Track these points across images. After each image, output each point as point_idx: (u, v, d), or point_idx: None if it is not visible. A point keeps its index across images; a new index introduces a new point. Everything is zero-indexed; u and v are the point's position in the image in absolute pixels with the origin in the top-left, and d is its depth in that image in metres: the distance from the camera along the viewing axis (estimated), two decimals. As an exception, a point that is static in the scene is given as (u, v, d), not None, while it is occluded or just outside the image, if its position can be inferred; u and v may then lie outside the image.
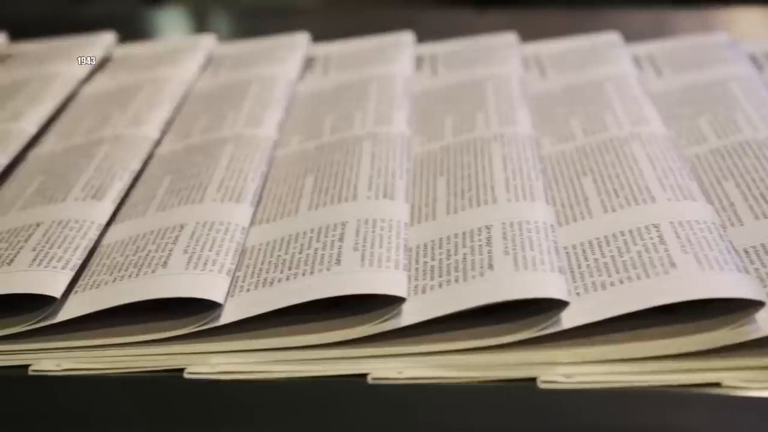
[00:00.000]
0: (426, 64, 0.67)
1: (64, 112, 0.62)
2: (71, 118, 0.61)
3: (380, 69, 0.64)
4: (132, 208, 0.50)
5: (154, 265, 0.43)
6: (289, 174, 0.52)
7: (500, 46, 0.67)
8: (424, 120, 0.58)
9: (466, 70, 0.64)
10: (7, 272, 0.44)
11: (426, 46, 0.69)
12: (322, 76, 0.66)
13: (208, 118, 0.59)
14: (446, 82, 0.63)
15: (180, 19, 0.92)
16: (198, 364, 0.40)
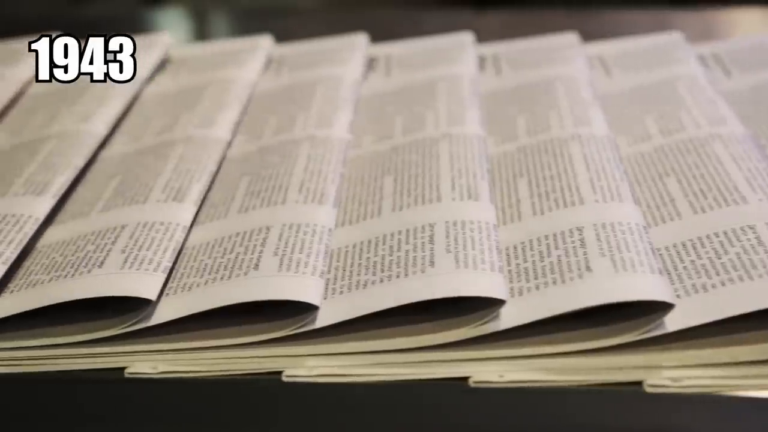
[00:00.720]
0: (489, 65, 0.67)
1: (130, 114, 0.62)
2: (139, 119, 0.61)
3: (445, 69, 0.64)
4: (212, 210, 0.50)
5: (246, 268, 0.43)
6: (366, 175, 0.52)
7: (561, 47, 0.67)
8: (494, 120, 0.58)
9: (531, 71, 0.64)
10: (100, 275, 0.43)
11: (483, 47, 0.69)
12: (384, 76, 0.66)
13: (278, 119, 0.59)
14: (512, 82, 0.64)
15: (180, 20, 0.91)
16: (295, 366, 0.40)
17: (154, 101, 0.63)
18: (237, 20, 0.91)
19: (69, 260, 0.45)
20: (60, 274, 0.44)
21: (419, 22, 0.82)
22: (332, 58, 0.67)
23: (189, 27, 0.88)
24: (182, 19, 0.92)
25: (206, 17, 0.92)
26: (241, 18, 0.92)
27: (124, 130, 0.59)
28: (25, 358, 0.41)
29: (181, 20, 0.91)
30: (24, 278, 0.44)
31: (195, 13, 0.93)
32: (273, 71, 0.67)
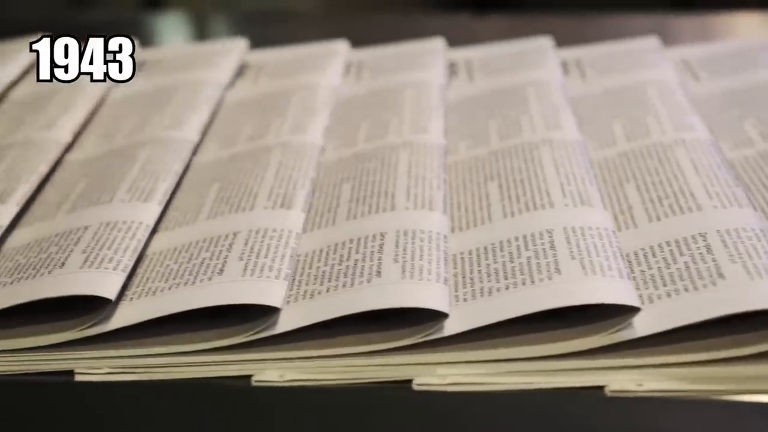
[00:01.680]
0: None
1: (216, 119, 0.62)
2: (229, 125, 0.61)
3: (534, 73, 0.64)
4: (318, 218, 0.49)
5: (368, 275, 0.43)
6: (469, 181, 0.52)
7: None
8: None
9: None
10: (223, 282, 0.43)
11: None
12: (468, 82, 0.66)
13: (370, 124, 0.59)
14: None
15: (181, 24, 0.91)
16: (425, 375, 0.40)
17: (238, 107, 0.63)
18: (237, 24, 0.91)
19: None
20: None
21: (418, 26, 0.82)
22: (413, 63, 0.67)
23: (189, 31, 0.88)
24: (182, 23, 0.92)
25: (206, 21, 0.92)
26: (241, 22, 0.92)
27: (213, 137, 0.59)
28: (150, 366, 0.41)
29: (180, 24, 0.91)
30: (149, 283, 0.44)
31: (195, 17, 0.93)
32: (353, 77, 0.67)
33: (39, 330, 0.42)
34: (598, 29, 0.77)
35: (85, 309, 0.42)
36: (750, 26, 0.84)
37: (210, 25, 0.91)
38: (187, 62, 0.68)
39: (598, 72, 0.65)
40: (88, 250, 0.45)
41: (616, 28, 0.77)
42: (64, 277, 0.43)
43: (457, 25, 0.86)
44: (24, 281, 0.44)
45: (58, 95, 0.63)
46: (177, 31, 0.89)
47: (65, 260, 0.44)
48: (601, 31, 0.74)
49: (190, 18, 0.93)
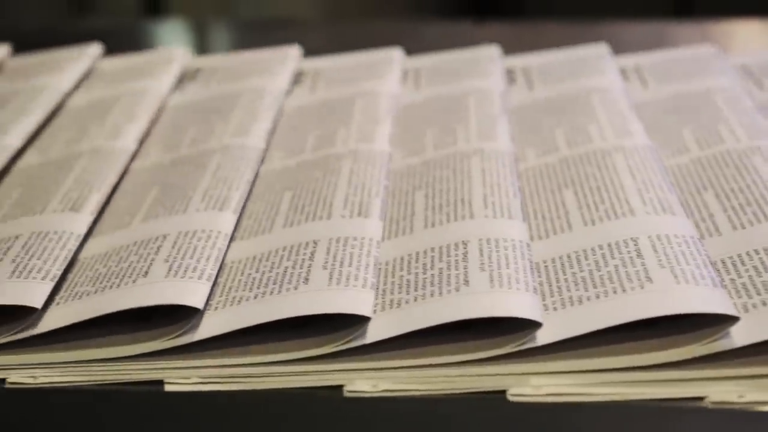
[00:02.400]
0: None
1: (279, 126, 0.62)
2: (293, 132, 0.61)
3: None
4: (395, 225, 0.49)
5: (455, 284, 0.42)
6: (542, 189, 0.52)
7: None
8: None
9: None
10: (309, 291, 0.42)
11: None
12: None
13: (439, 131, 0.58)
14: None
15: (180, 31, 0.91)
16: (519, 385, 0.39)
17: (299, 114, 0.63)
18: (237, 32, 0.91)
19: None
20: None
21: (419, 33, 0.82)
22: (473, 70, 0.67)
23: (189, 38, 0.88)
24: (183, 30, 0.92)
25: (206, 29, 0.92)
26: (241, 29, 0.92)
27: (278, 145, 0.58)
28: (240, 376, 0.41)
29: (181, 32, 0.91)
30: None
31: (195, 24, 0.93)
32: (410, 84, 0.67)
33: (123, 340, 0.41)
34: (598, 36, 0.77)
35: (167, 319, 0.41)
36: (750, 33, 0.84)
37: (210, 31, 0.91)
38: (244, 70, 0.68)
39: (658, 80, 0.65)
40: (170, 259, 0.44)
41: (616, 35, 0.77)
42: (150, 286, 0.43)
43: (459, 32, 0.86)
44: (108, 290, 0.43)
45: (118, 103, 0.63)
46: (177, 38, 0.89)
47: (148, 269, 0.44)
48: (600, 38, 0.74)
49: (190, 24, 0.93)
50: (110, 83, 0.67)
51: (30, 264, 0.44)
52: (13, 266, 0.44)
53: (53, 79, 0.66)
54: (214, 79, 0.68)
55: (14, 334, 0.41)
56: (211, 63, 0.71)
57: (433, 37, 0.79)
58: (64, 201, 0.50)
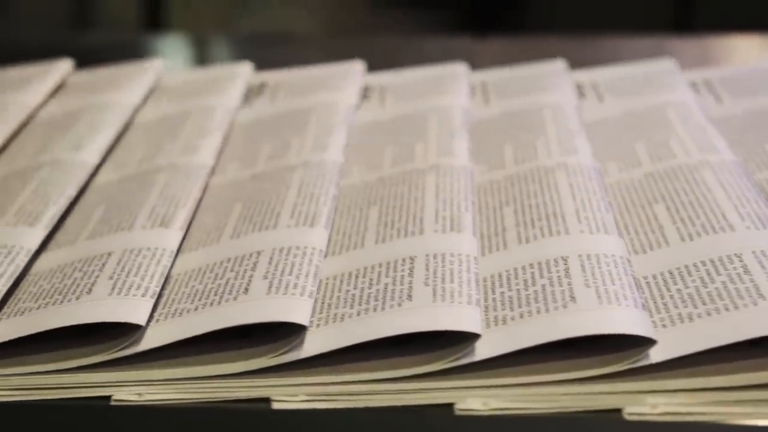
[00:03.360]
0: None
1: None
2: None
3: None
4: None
5: (561, 301, 0.42)
6: (631, 203, 0.51)
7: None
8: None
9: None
10: (414, 308, 0.42)
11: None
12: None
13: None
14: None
15: (180, 46, 0.91)
16: (635, 404, 0.39)
17: (372, 129, 0.62)
18: (238, 47, 0.91)
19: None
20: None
21: (419, 48, 0.82)
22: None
23: (189, 53, 0.89)
24: (182, 45, 0.92)
25: (206, 43, 0.92)
26: (241, 44, 0.92)
27: (355, 160, 0.58)
28: (349, 393, 0.40)
29: (181, 46, 0.91)
30: None
31: (195, 39, 0.93)
32: (479, 98, 0.67)
33: (227, 357, 0.41)
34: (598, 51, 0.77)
35: (269, 335, 0.41)
36: (750, 49, 0.84)
37: (212, 46, 0.92)
38: (311, 85, 0.68)
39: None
40: (269, 275, 0.44)
41: (616, 50, 0.77)
42: (252, 303, 0.42)
43: (458, 48, 0.86)
44: (209, 308, 0.43)
45: (190, 120, 0.62)
46: (178, 53, 0.89)
47: (248, 286, 0.43)
48: (600, 52, 0.75)
49: (191, 39, 0.93)
50: (177, 99, 0.67)
51: (128, 281, 0.44)
52: (111, 283, 0.44)
53: (120, 95, 0.66)
54: (281, 94, 0.67)
55: (118, 351, 0.41)
56: (275, 78, 0.70)
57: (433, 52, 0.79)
58: (152, 217, 0.50)
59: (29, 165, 0.57)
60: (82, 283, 0.44)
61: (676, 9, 1.77)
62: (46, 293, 0.44)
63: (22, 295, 0.45)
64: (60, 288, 0.45)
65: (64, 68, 0.71)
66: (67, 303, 0.43)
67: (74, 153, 0.57)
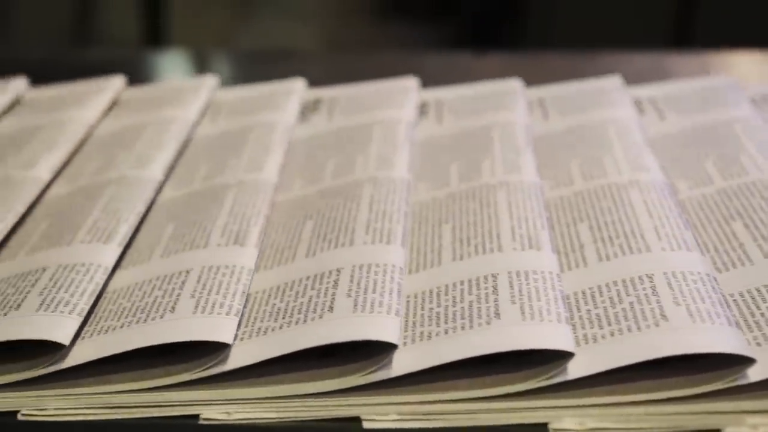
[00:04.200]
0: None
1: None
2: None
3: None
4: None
5: (652, 319, 0.41)
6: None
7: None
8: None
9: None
10: (503, 325, 0.42)
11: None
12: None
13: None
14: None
15: (181, 63, 0.92)
16: (735, 424, 0.39)
17: (432, 145, 0.62)
18: (238, 63, 0.91)
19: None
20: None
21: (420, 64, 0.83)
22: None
23: (190, 69, 0.89)
24: (183, 61, 0.92)
25: (207, 60, 0.92)
26: (242, 61, 0.92)
27: (420, 176, 0.58)
28: (443, 412, 0.40)
29: (181, 63, 0.91)
30: None
31: (196, 55, 0.93)
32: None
33: (315, 375, 0.41)
34: (598, 67, 0.77)
35: (355, 353, 0.41)
36: (749, 64, 0.84)
37: (212, 62, 0.92)
38: (368, 101, 0.67)
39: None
40: (352, 293, 0.44)
41: (614, 66, 0.77)
42: (338, 321, 0.42)
43: (459, 63, 0.86)
44: (294, 326, 0.43)
45: (252, 136, 0.62)
46: (179, 69, 0.89)
47: (332, 305, 0.43)
48: (598, 68, 0.75)
49: (191, 55, 0.93)
50: (235, 115, 0.66)
51: (210, 299, 0.44)
52: (194, 301, 0.44)
53: (179, 111, 0.65)
54: (337, 110, 0.67)
55: (207, 370, 0.41)
56: (329, 94, 0.70)
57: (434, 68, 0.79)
58: (226, 234, 0.49)
59: (95, 182, 0.57)
60: (163, 301, 0.44)
61: (676, 25, 1.78)
62: (128, 311, 0.44)
63: (102, 313, 0.45)
64: (141, 306, 0.44)
65: (118, 84, 0.71)
66: (151, 321, 0.43)
67: (140, 169, 0.57)
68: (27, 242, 0.51)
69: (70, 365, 0.41)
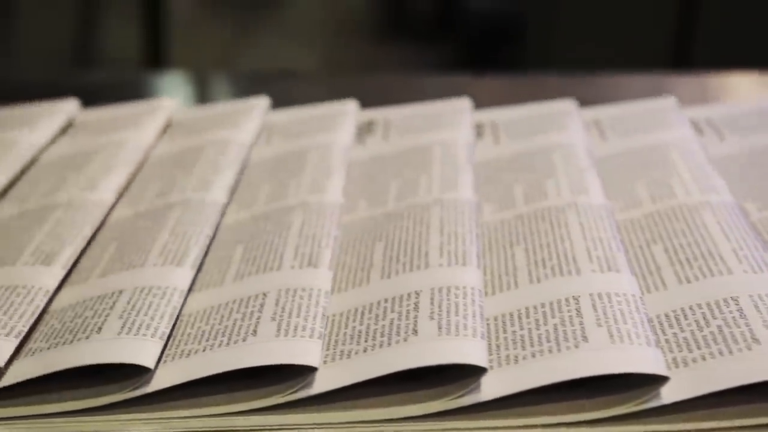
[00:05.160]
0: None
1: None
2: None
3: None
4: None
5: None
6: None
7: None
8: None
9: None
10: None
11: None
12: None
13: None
14: None
15: (181, 84, 0.92)
16: None
17: (491, 166, 0.62)
18: (238, 85, 0.91)
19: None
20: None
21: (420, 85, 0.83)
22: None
23: (190, 91, 0.89)
24: (184, 83, 0.92)
25: (207, 81, 0.92)
26: (241, 82, 0.92)
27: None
28: None
29: (182, 84, 0.92)
30: None
31: (196, 77, 0.93)
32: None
33: (413, 398, 0.41)
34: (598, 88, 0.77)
35: (449, 377, 0.41)
36: (749, 86, 0.84)
37: (213, 84, 0.92)
38: (424, 123, 0.67)
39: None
40: (436, 316, 0.44)
41: (615, 88, 0.77)
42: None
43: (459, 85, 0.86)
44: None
45: (310, 157, 0.62)
46: (178, 91, 0.89)
47: (415, 327, 0.43)
48: (600, 90, 0.75)
49: (192, 77, 0.94)
50: (290, 137, 0.66)
51: (292, 322, 0.44)
52: (275, 324, 0.44)
53: (233, 132, 0.65)
54: (392, 132, 0.67)
55: (293, 393, 0.41)
56: (382, 116, 0.70)
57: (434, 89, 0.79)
58: (298, 258, 0.49)
59: (158, 205, 0.56)
60: (244, 324, 0.44)
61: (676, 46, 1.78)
62: (209, 334, 0.44)
63: (181, 336, 0.45)
64: (222, 329, 0.44)
65: (168, 106, 0.71)
66: (234, 345, 0.43)
67: (203, 192, 0.57)
68: (97, 265, 0.50)
69: (156, 389, 0.41)
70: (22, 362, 0.43)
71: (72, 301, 0.47)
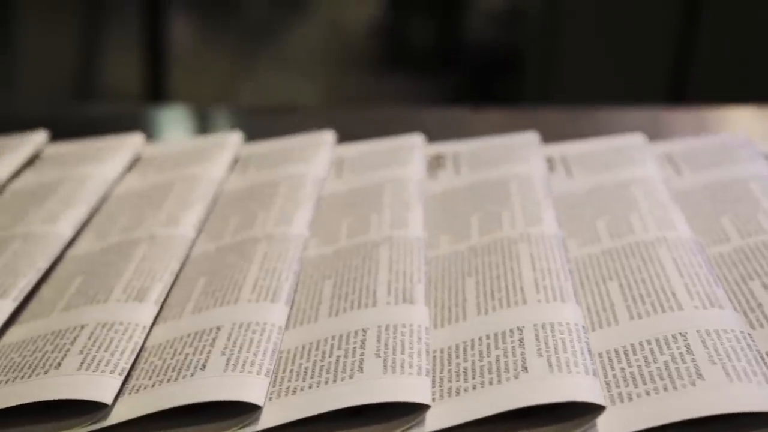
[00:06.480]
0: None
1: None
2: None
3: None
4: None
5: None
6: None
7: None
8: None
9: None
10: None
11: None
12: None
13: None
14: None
15: (182, 119, 0.92)
16: None
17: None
18: (238, 119, 0.92)
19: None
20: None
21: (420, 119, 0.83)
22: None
23: (190, 125, 0.89)
24: (184, 117, 0.93)
25: (208, 115, 0.93)
26: (241, 117, 0.93)
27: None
28: None
29: (182, 118, 0.92)
30: None
31: (197, 111, 0.94)
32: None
33: None
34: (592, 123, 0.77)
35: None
36: (743, 120, 0.85)
37: (213, 118, 0.92)
38: (494, 156, 0.67)
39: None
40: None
41: (609, 122, 0.78)
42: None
43: (459, 118, 0.87)
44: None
45: (386, 191, 0.62)
46: (178, 126, 0.90)
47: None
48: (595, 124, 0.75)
49: (192, 111, 0.94)
50: (361, 171, 0.66)
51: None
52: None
53: (305, 166, 0.66)
54: (463, 165, 0.66)
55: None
56: (450, 150, 0.69)
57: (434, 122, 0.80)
58: (392, 294, 0.49)
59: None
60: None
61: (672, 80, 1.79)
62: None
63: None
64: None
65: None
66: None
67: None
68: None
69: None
70: (128, 399, 0.43)
71: (169, 338, 0.47)
